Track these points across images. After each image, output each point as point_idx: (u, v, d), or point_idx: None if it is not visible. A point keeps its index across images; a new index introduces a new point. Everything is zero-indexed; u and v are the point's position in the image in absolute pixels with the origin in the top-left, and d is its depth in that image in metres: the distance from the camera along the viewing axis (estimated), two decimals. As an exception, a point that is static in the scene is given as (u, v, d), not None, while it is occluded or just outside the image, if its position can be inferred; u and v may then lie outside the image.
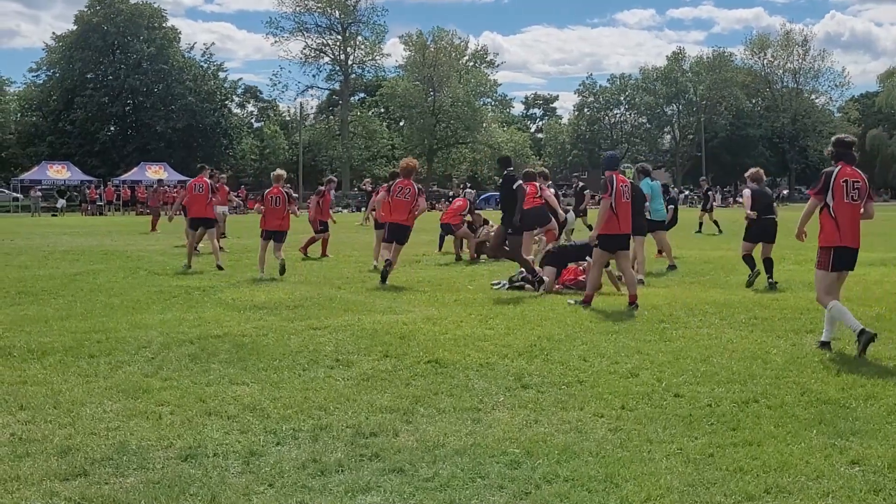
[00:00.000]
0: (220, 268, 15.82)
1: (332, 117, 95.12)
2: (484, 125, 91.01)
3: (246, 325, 9.58)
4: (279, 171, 16.03)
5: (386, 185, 17.73)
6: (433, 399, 6.34)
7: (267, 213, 15.22)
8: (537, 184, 15.46)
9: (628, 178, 17.77)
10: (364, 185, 49.30)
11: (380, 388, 6.69)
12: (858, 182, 8.08)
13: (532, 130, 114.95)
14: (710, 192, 31.78)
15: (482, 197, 62.16)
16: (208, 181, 17.08)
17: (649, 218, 15.28)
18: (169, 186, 52.08)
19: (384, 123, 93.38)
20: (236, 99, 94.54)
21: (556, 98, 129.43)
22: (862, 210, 8.19)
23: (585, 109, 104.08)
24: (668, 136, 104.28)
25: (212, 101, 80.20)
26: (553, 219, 15.77)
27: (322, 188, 20.61)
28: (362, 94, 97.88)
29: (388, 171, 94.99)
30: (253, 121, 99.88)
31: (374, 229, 17.39)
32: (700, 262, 17.24)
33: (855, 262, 8.27)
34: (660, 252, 17.34)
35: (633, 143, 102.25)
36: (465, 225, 19.60)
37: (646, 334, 8.82)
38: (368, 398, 6.35)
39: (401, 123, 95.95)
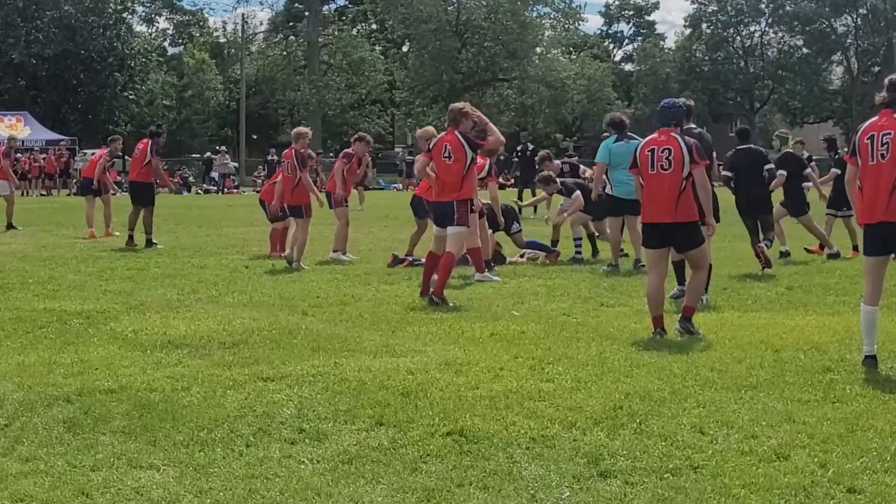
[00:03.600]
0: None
1: (293, 38, 66.11)
2: (539, 50, 62.55)
3: (155, 372, 7.02)
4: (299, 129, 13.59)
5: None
6: (456, 494, 4.53)
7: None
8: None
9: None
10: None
11: (370, 475, 4.79)
12: None
13: (617, 59, 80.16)
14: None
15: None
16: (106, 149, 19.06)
17: (611, 194, 12.14)
18: (35, 151, 38.56)
19: (376, 48, 64.58)
20: (140, 10, 67.13)
21: (657, 6, 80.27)
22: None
23: (704, 24, 69.99)
24: (840, 68, 71.66)
25: (100, 13, 55.14)
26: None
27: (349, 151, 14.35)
28: (342, 1, 69.35)
29: (386, 122, 65.96)
30: (167, 44, 72.02)
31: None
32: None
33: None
34: (596, 235, 14.02)
35: (782, 81, 66.86)
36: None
37: (802, 390, 6.42)
38: (351, 492, 4.54)
39: (404, 48, 67.21)
